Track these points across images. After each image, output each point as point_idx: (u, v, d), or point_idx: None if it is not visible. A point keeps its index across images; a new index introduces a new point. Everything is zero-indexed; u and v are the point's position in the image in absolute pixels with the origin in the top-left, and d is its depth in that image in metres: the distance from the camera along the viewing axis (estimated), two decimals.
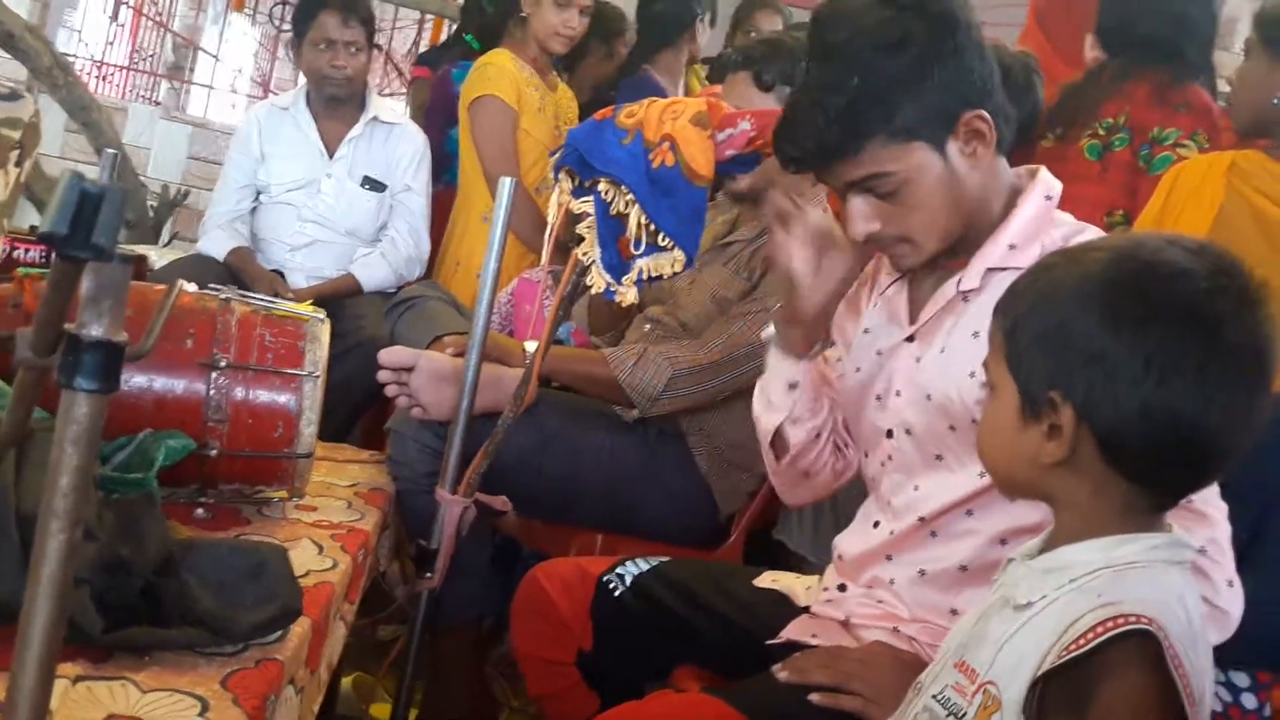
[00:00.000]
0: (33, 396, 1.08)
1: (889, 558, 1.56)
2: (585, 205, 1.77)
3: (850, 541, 1.64)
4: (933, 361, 1.52)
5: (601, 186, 1.75)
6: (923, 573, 1.51)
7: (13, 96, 1.37)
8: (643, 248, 1.73)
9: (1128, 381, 0.95)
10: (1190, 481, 1.04)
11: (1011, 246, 1.48)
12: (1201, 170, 2.11)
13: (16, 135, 1.34)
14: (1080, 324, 0.98)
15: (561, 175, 1.80)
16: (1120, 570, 0.97)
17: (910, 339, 1.56)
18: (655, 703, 1.52)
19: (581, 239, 1.78)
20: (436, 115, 3.80)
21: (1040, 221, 1.50)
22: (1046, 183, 1.53)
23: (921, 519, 1.52)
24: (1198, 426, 0.95)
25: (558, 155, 1.81)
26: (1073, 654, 0.91)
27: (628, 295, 1.75)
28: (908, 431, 1.55)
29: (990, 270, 1.49)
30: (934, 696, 1.06)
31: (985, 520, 1.47)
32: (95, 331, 0.80)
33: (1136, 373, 0.95)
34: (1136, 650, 0.90)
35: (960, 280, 1.50)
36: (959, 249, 1.52)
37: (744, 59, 2.30)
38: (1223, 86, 2.81)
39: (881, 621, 1.53)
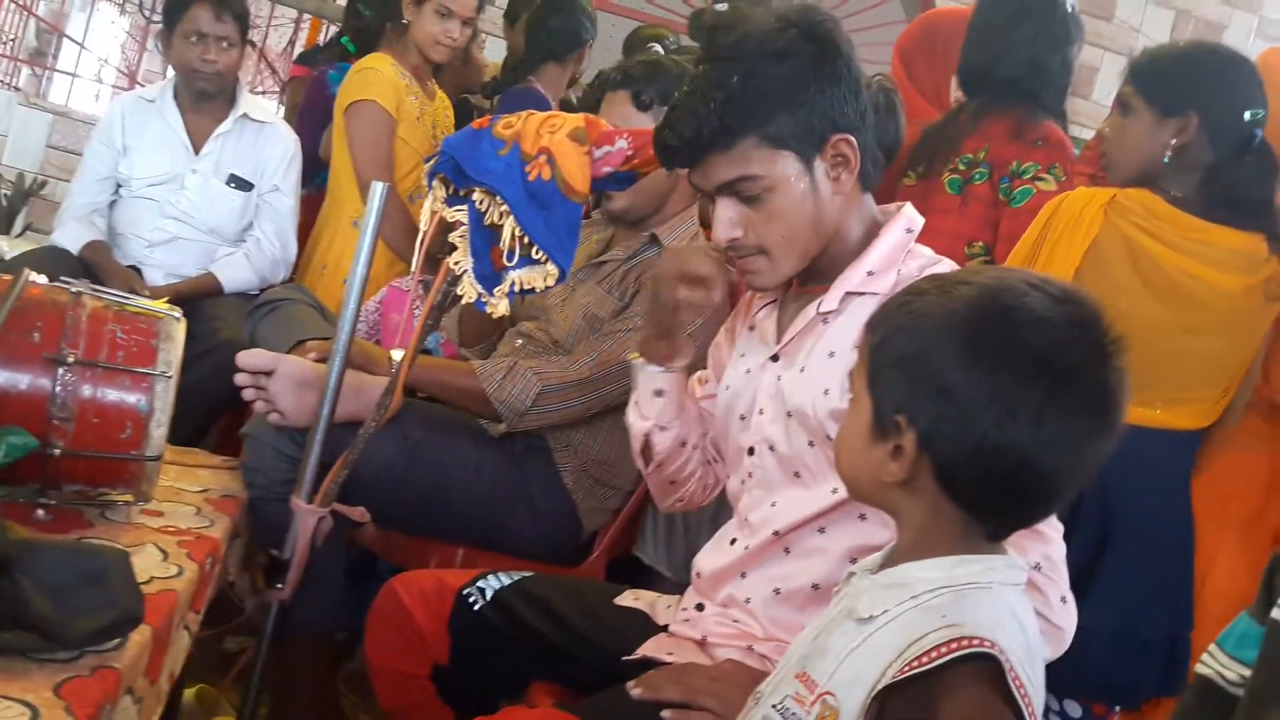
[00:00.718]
0: None
1: (744, 574, 1.58)
2: (459, 214, 1.75)
3: (708, 559, 1.66)
4: (792, 379, 1.57)
5: (476, 196, 1.73)
6: (777, 591, 1.54)
7: None
8: (516, 259, 1.71)
9: (968, 418, 0.98)
10: (1021, 517, 1.08)
11: (870, 273, 1.55)
12: (1081, 203, 2.19)
13: None
14: (936, 356, 1.01)
15: (435, 183, 1.77)
16: (961, 590, 1.00)
17: (775, 358, 1.62)
18: (512, 716, 1.50)
19: (454, 248, 1.76)
20: (310, 117, 3.73)
21: (899, 251, 1.57)
22: (909, 217, 1.62)
23: (776, 533, 1.55)
24: (1029, 468, 0.99)
25: (432, 162, 1.78)
26: (915, 670, 0.92)
27: (499, 307, 1.73)
28: (770, 448, 1.59)
29: (849, 294, 1.56)
30: (773, 706, 1.08)
31: (836, 539, 1.51)
32: None
33: (977, 411, 0.98)
34: (980, 672, 0.93)
35: (821, 303, 1.56)
36: (822, 275, 1.59)
37: (623, 78, 2.31)
38: (1077, 131, 2.92)
39: (736, 640, 1.54)
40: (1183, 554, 2.18)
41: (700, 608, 1.62)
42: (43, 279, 1.76)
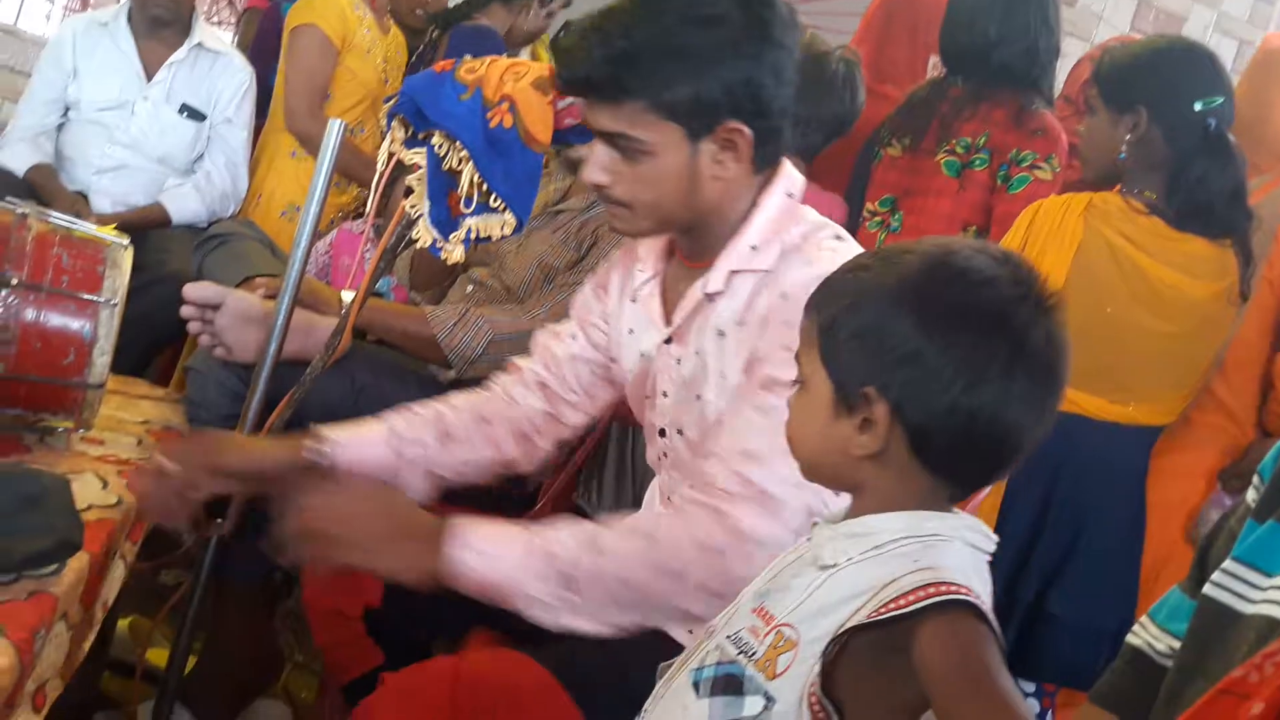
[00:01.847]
0: None
1: None
2: (417, 156, 1.73)
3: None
4: (691, 363, 1.56)
5: (435, 140, 1.70)
6: None
7: None
8: (473, 206, 1.70)
9: (939, 382, 1.00)
10: (985, 475, 1.10)
11: (753, 248, 1.51)
12: (1059, 210, 2.25)
13: None
14: (897, 325, 1.02)
15: (395, 124, 1.75)
16: (927, 540, 1.01)
17: (669, 340, 1.59)
18: (470, 659, 1.50)
19: (410, 191, 1.74)
20: (263, 49, 3.66)
21: (781, 220, 1.52)
22: (788, 179, 1.55)
23: None
24: (999, 425, 1.01)
25: (391, 103, 1.76)
26: (891, 612, 0.94)
27: (454, 253, 1.72)
28: (679, 431, 1.59)
29: (733, 272, 1.51)
30: (727, 637, 1.09)
31: None
32: None
33: (947, 374, 1.00)
34: (963, 612, 0.94)
35: (706, 283, 1.53)
36: (705, 251, 1.54)
37: None
38: None
39: None
40: (1136, 545, 2.28)
41: None
42: None
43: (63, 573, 1.23)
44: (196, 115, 3.22)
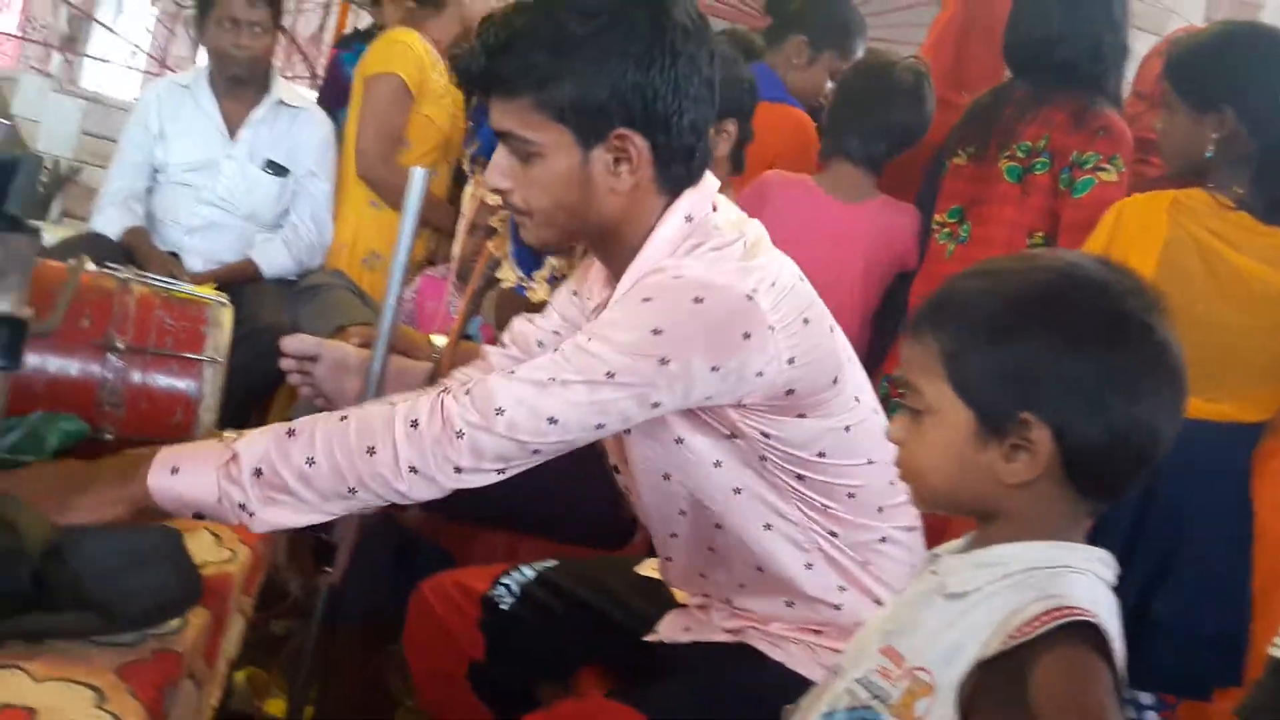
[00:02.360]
0: None
1: (703, 575, 1.61)
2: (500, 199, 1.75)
3: (669, 570, 1.69)
4: None
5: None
6: (742, 585, 1.55)
7: None
8: None
9: (1098, 401, 0.99)
10: (1126, 489, 1.08)
11: (642, 272, 1.45)
12: (1144, 209, 2.20)
13: None
14: (1046, 346, 1.00)
15: (476, 167, 1.77)
16: (1057, 570, 1.00)
17: None
18: (563, 710, 1.52)
19: (494, 232, 1.76)
20: (328, 98, 3.75)
21: (674, 244, 1.45)
22: (690, 203, 1.46)
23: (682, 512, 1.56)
24: (1151, 437, 1.01)
25: (474, 146, 1.78)
26: (1016, 641, 0.93)
27: (539, 291, 1.73)
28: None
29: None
30: (856, 680, 1.07)
31: (734, 524, 1.52)
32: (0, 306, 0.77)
33: (1105, 392, 0.99)
34: (1080, 637, 0.93)
35: (602, 310, 1.50)
36: (617, 275, 1.50)
37: None
38: None
39: (744, 623, 1.56)
40: (1244, 546, 2.20)
41: (704, 608, 1.63)
42: (91, 265, 1.78)
43: (185, 630, 1.25)
44: (280, 170, 3.29)
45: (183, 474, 1.33)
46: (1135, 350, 1.00)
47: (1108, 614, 0.98)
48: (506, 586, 1.76)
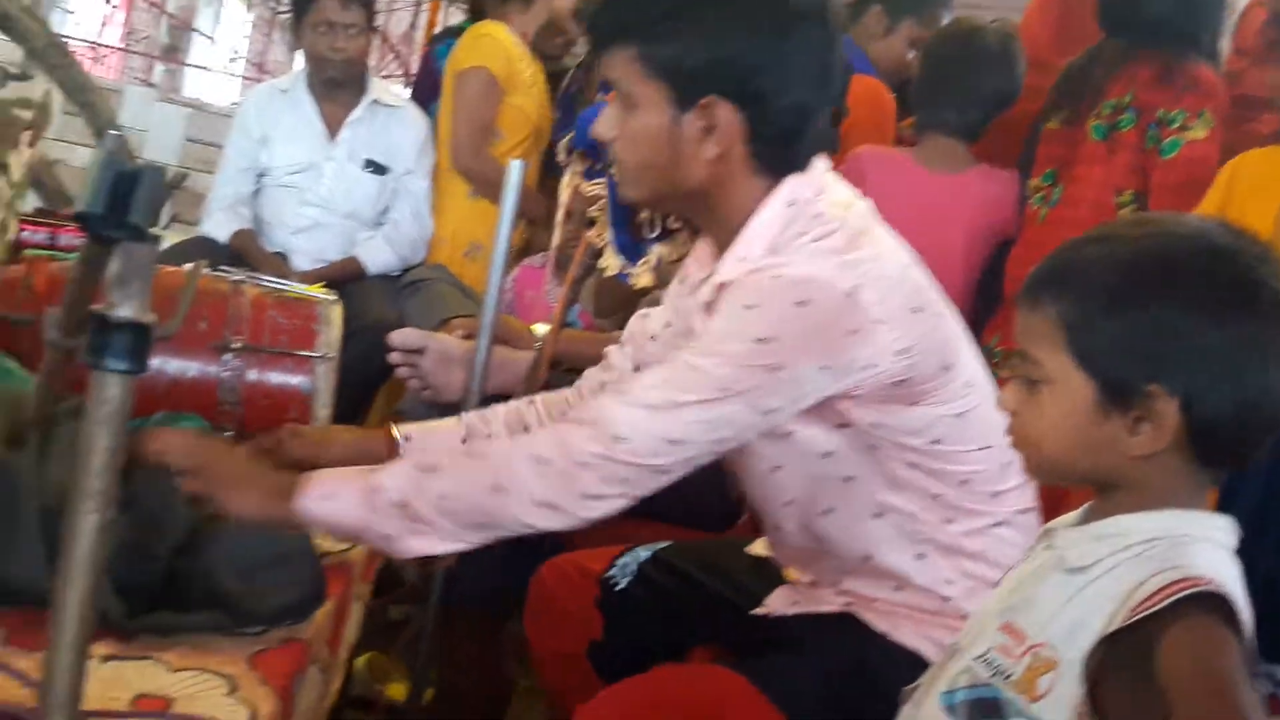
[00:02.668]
0: (59, 377, 1.08)
1: (810, 563, 1.59)
2: (597, 188, 1.77)
3: (778, 551, 1.68)
4: None
5: (614, 169, 1.74)
6: (868, 558, 1.52)
7: (23, 76, 1.37)
8: (657, 231, 1.72)
9: (1229, 370, 0.97)
10: (1249, 458, 1.05)
11: (741, 259, 1.43)
12: (1258, 165, 2.13)
13: (28, 115, 1.33)
14: (1175, 315, 0.98)
15: (574, 158, 1.79)
16: (1178, 540, 0.98)
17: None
18: (664, 674, 1.53)
19: (594, 222, 1.78)
20: (420, 92, 3.79)
21: (772, 227, 1.42)
22: (791, 189, 1.43)
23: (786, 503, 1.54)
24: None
25: (569, 137, 1.80)
26: (1141, 614, 0.92)
27: (642, 278, 1.74)
28: None
29: (723, 285, 1.43)
30: (975, 657, 1.06)
31: (846, 509, 1.49)
32: (124, 312, 0.80)
33: (1237, 361, 0.97)
34: (1206, 608, 0.91)
35: (700, 293, 1.48)
36: (714, 247, 1.49)
37: None
38: None
39: (857, 607, 1.54)
40: None
41: (814, 584, 1.62)
42: (204, 269, 1.84)
43: (311, 619, 1.30)
44: (380, 169, 3.35)
45: (331, 502, 1.36)
46: (1266, 317, 0.97)
47: (1232, 583, 0.96)
48: (623, 567, 1.77)
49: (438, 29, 5.18)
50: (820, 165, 1.47)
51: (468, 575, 2.06)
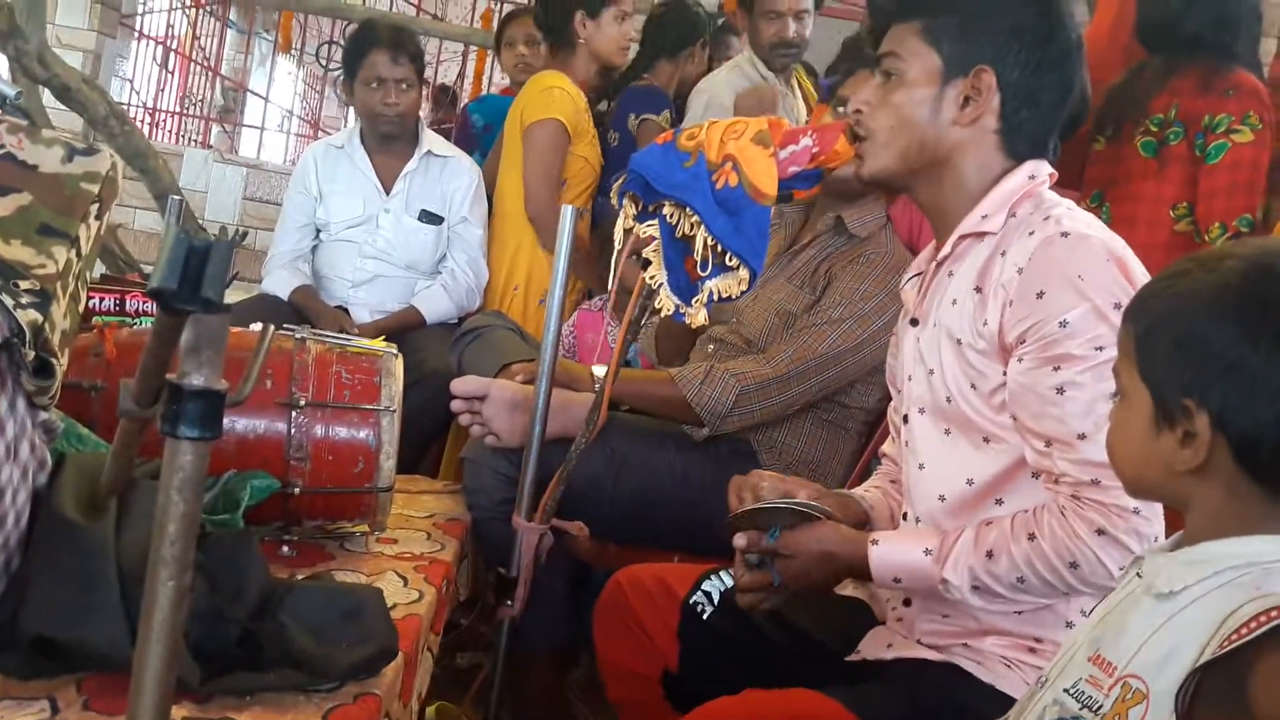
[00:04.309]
0: (133, 447, 1.10)
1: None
2: (650, 229, 1.78)
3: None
4: (929, 338, 1.59)
5: (666, 209, 1.75)
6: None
7: (89, 151, 1.40)
8: (710, 268, 1.73)
9: (1264, 390, 0.97)
10: None
11: (984, 216, 1.55)
12: None
13: (96, 189, 1.36)
14: (1218, 334, 0.99)
15: (626, 201, 1.80)
16: (1269, 567, 0.97)
17: (914, 322, 1.65)
18: (753, 697, 1.52)
19: (648, 263, 1.79)
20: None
21: (1015, 194, 1.55)
22: (1033, 165, 1.58)
23: (941, 498, 1.57)
24: None
25: (620, 181, 1.81)
26: (1235, 644, 0.90)
27: (697, 317, 1.75)
28: (920, 411, 1.61)
29: (961, 237, 1.56)
30: (1065, 690, 1.05)
31: (1019, 506, 1.49)
32: (197, 381, 0.82)
33: (1274, 382, 0.96)
34: None
35: (938, 254, 1.59)
36: (945, 233, 1.59)
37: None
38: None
39: (950, 639, 1.53)
40: None
41: (908, 603, 1.61)
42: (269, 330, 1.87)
43: (382, 673, 1.31)
44: (434, 219, 3.39)
45: (906, 582, 1.52)
46: None
47: None
48: (708, 595, 1.77)
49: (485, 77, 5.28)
50: (1049, 170, 1.60)
51: (533, 623, 2.07)
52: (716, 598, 1.75)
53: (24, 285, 1.21)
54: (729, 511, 1.64)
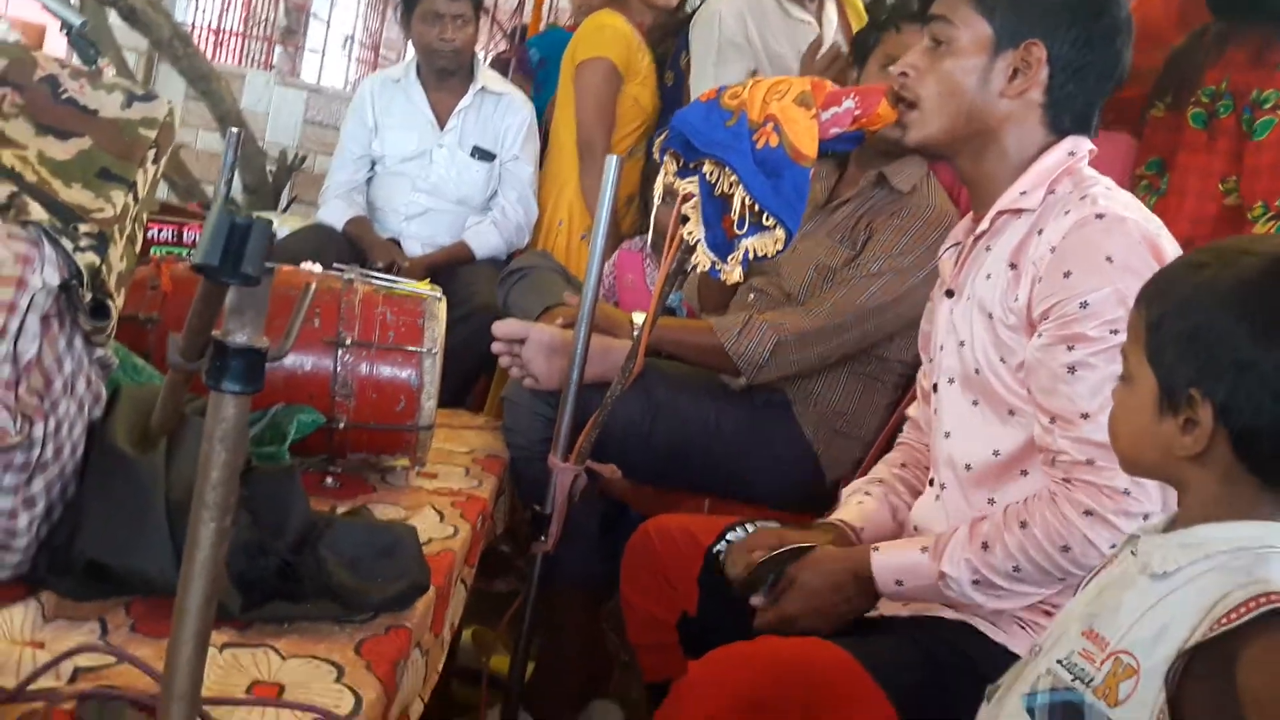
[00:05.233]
0: (181, 394, 1.17)
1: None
2: (690, 186, 1.80)
3: (920, 509, 1.71)
4: (962, 310, 1.63)
5: (706, 168, 1.77)
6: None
7: (148, 97, 1.45)
8: (746, 227, 1.75)
9: (1270, 390, 0.99)
10: None
11: (1022, 193, 1.57)
12: None
13: (153, 135, 1.41)
14: (1230, 330, 1.02)
15: (667, 158, 1.83)
16: (1260, 553, 1.00)
17: (949, 293, 1.68)
18: (766, 643, 1.57)
19: (687, 219, 1.82)
20: (517, 84, 3.89)
21: (1054, 171, 1.57)
22: (1074, 141, 1.59)
23: (968, 467, 1.60)
24: None
25: (663, 137, 1.84)
26: (1224, 627, 0.94)
27: (733, 274, 1.78)
28: (950, 380, 1.65)
29: (1000, 213, 1.58)
30: (1058, 661, 1.09)
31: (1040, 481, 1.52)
32: (240, 339, 0.88)
33: (1276, 379, 0.99)
34: None
35: (976, 229, 1.62)
36: (984, 204, 1.62)
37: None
38: None
39: (962, 613, 1.57)
40: None
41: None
42: (317, 267, 1.94)
43: (414, 607, 1.38)
44: (487, 156, 3.43)
45: (908, 585, 1.56)
46: None
47: None
48: (730, 543, 1.82)
49: (544, 7, 5.27)
50: (1089, 146, 1.61)
51: (567, 559, 2.14)
52: None
53: (83, 229, 1.27)
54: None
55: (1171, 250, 1.47)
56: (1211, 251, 1.11)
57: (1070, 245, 1.47)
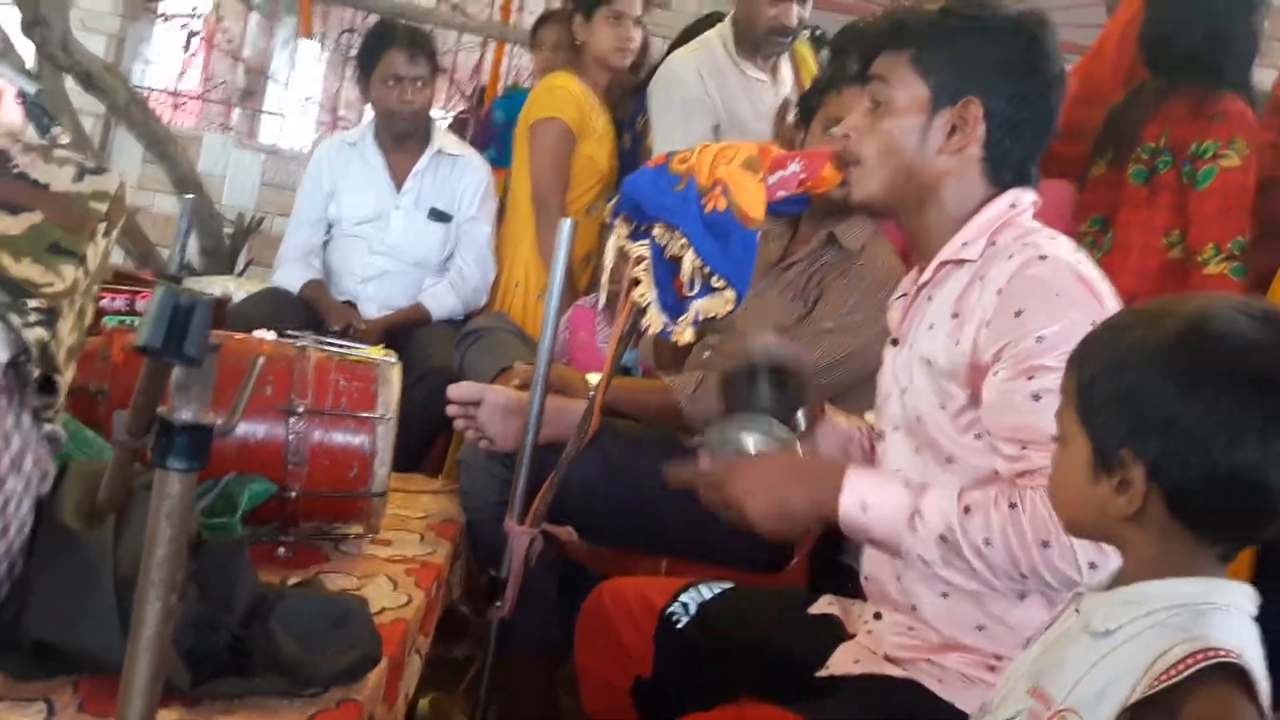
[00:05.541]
0: (128, 470, 1.16)
1: (899, 578, 1.62)
2: (641, 249, 1.83)
3: (868, 558, 1.72)
4: (904, 359, 1.65)
5: (656, 231, 1.80)
6: (945, 595, 1.56)
7: (99, 170, 1.46)
8: (697, 289, 1.78)
9: (1197, 447, 1.01)
10: (1249, 535, 1.09)
11: (964, 244, 1.60)
12: None
13: (104, 208, 1.42)
14: (1155, 389, 1.03)
15: (618, 221, 1.86)
16: (1200, 609, 1.02)
17: (894, 343, 1.70)
18: (724, 714, 1.57)
19: (638, 281, 1.84)
20: (477, 144, 3.93)
21: (995, 222, 1.59)
22: (1015, 194, 1.62)
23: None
24: (1261, 488, 1.01)
25: (614, 202, 1.87)
26: (1165, 683, 0.95)
27: (684, 335, 1.81)
28: (895, 428, 1.67)
29: (942, 263, 1.61)
30: None
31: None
32: (185, 416, 0.88)
33: (1206, 439, 1.00)
34: (1226, 679, 0.95)
35: (919, 279, 1.64)
36: (927, 256, 1.64)
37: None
38: None
39: (915, 653, 1.58)
40: None
41: (878, 616, 1.66)
42: (271, 335, 1.94)
43: (365, 679, 1.37)
44: (444, 217, 3.45)
45: (871, 512, 1.49)
46: (1245, 403, 1.00)
47: (1252, 651, 0.99)
48: (685, 605, 1.83)
49: (503, 68, 5.33)
50: (1033, 198, 1.64)
51: (523, 624, 2.13)
52: (693, 609, 1.81)
53: (32, 304, 1.27)
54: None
55: (1110, 296, 1.50)
56: (1136, 314, 1.13)
57: (1017, 286, 1.49)
